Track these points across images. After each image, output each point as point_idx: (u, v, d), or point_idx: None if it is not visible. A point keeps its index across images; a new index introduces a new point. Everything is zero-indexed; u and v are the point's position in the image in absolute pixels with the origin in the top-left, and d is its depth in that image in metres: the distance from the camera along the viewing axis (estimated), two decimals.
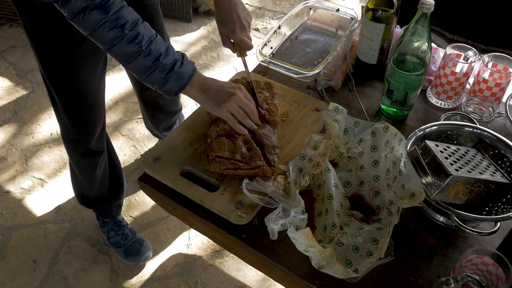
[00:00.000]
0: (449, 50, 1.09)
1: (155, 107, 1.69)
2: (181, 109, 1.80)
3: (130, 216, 1.89)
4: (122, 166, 2.05)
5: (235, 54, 1.16)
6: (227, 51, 2.60)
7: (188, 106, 2.28)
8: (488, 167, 0.90)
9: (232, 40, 1.14)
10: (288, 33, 1.38)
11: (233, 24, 1.10)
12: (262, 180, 0.94)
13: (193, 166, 1.01)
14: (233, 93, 0.98)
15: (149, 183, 1.01)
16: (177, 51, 0.97)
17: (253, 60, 1.29)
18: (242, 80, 1.14)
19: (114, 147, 1.63)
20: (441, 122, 0.99)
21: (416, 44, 0.99)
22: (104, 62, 1.31)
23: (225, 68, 2.49)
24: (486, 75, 1.07)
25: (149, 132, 1.96)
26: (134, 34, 0.90)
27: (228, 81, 1.06)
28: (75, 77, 1.24)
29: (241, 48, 1.14)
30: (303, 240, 0.77)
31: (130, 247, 1.71)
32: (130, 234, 1.74)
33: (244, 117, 1.00)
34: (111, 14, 0.87)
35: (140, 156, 2.09)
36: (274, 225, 0.80)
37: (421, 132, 0.95)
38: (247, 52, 1.15)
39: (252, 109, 1.01)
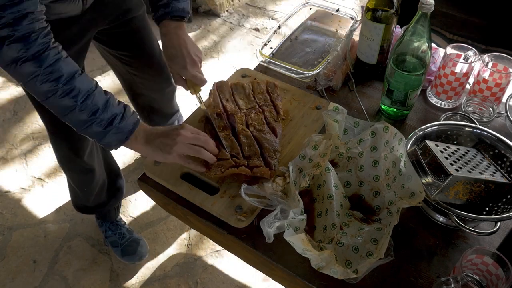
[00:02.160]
0: (449, 50, 1.09)
1: (151, 111, 1.68)
2: (178, 110, 1.79)
3: (130, 216, 1.89)
4: (122, 166, 2.05)
5: (189, 91, 1.10)
6: (227, 51, 2.60)
7: (188, 106, 2.28)
8: (488, 167, 0.90)
9: (184, 77, 1.09)
10: (288, 33, 1.38)
11: (184, 61, 1.06)
12: (261, 183, 0.94)
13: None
14: (177, 134, 0.93)
15: (149, 183, 1.01)
16: (120, 103, 0.93)
17: (253, 60, 1.29)
18: (240, 81, 1.14)
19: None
20: (441, 122, 0.99)
21: (416, 44, 0.99)
22: None
23: (225, 68, 2.49)
24: (486, 75, 1.07)
25: None
26: (69, 88, 0.86)
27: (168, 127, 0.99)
28: None
29: (194, 84, 1.08)
30: (299, 244, 0.77)
31: (127, 247, 1.71)
32: (127, 234, 1.74)
33: (199, 151, 0.94)
34: (44, 67, 0.83)
35: (140, 156, 2.09)
36: (269, 228, 0.79)
37: (421, 132, 0.95)
38: (201, 87, 1.10)
39: (203, 140, 0.95)
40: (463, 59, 1.08)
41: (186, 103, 2.29)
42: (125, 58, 1.40)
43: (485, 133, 0.94)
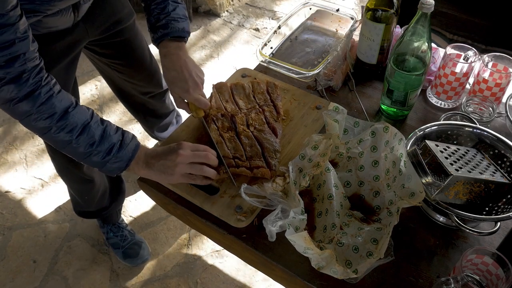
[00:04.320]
0: (449, 50, 1.09)
1: (146, 113, 1.68)
2: (173, 109, 1.78)
3: (130, 216, 1.89)
4: None
5: (191, 114, 1.07)
6: (227, 51, 2.60)
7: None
8: (488, 167, 0.90)
9: (186, 100, 1.06)
10: (288, 33, 1.38)
11: (186, 84, 1.02)
12: (261, 183, 0.94)
13: None
14: (177, 155, 0.92)
15: (149, 183, 1.01)
16: (118, 130, 0.92)
17: (253, 60, 1.29)
18: (240, 81, 1.14)
19: None
20: (441, 122, 0.99)
21: (416, 44, 0.99)
22: (74, 92, 1.28)
23: (225, 68, 2.49)
24: (486, 75, 1.07)
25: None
26: (63, 124, 0.86)
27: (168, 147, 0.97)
28: None
29: (197, 108, 1.05)
30: (301, 243, 0.77)
31: (129, 249, 1.71)
32: (129, 236, 1.74)
33: (201, 169, 0.93)
34: (37, 106, 0.83)
35: None
36: (272, 227, 0.80)
37: (421, 132, 0.95)
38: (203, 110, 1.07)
39: (203, 155, 0.94)
40: (463, 59, 1.08)
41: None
42: (116, 66, 1.39)
43: (485, 133, 0.94)
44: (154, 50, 1.78)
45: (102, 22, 1.22)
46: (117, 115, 2.28)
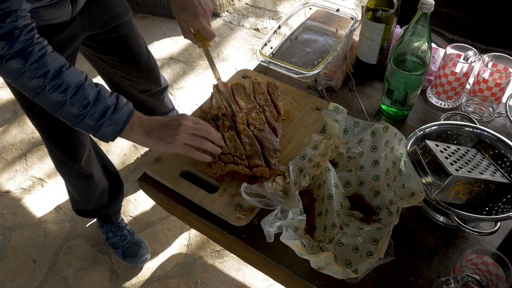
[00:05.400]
0: (449, 50, 1.09)
1: (145, 112, 1.65)
2: (173, 108, 1.77)
3: (130, 216, 1.89)
4: (122, 166, 2.05)
5: (197, 45, 1.06)
6: (227, 51, 2.60)
7: (188, 106, 2.28)
8: (488, 167, 0.90)
9: (192, 30, 1.04)
10: (288, 33, 1.38)
11: (195, 10, 1.00)
12: (261, 182, 0.94)
13: (193, 166, 1.01)
14: (179, 124, 0.92)
15: (149, 183, 1.01)
16: (112, 94, 0.92)
17: (253, 60, 1.29)
18: (241, 82, 1.14)
19: (115, 147, 1.63)
20: (441, 122, 0.99)
21: (416, 44, 0.99)
22: None
23: (225, 68, 2.49)
24: (486, 75, 1.07)
25: None
26: (57, 83, 0.85)
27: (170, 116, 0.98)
28: None
29: (204, 38, 1.04)
30: (294, 249, 0.77)
31: (128, 249, 1.71)
32: (129, 236, 1.74)
33: (201, 142, 0.93)
34: (30, 63, 0.82)
35: (140, 156, 2.09)
36: (270, 228, 0.80)
37: (421, 132, 0.95)
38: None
39: (205, 129, 0.94)
40: (463, 59, 1.08)
41: (187, 102, 2.29)
42: (113, 62, 1.40)
43: (485, 133, 0.94)
44: (152, 49, 1.79)
45: (98, 16, 1.23)
46: None
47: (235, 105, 1.10)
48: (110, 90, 0.93)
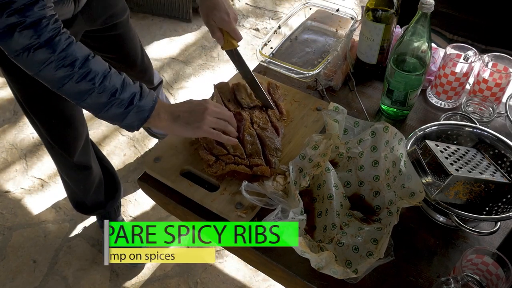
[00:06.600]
0: (449, 50, 1.09)
1: None
2: None
3: (130, 216, 1.89)
4: (122, 166, 2.05)
5: (221, 46, 1.08)
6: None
7: None
8: (488, 167, 0.90)
9: (220, 31, 1.06)
10: (288, 33, 1.38)
11: (225, 13, 1.03)
12: (262, 181, 0.94)
13: (194, 166, 1.01)
14: (205, 108, 0.94)
15: (149, 183, 1.01)
16: (136, 82, 0.93)
17: (253, 60, 1.29)
18: (241, 82, 1.14)
19: (115, 147, 1.63)
20: (441, 122, 0.99)
21: (416, 44, 0.99)
22: None
23: (225, 68, 2.49)
24: (486, 75, 1.07)
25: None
26: (85, 71, 0.84)
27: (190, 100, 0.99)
28: (50, 96, 1.17)
29: (232, 39, 1.07)
30: (297, 246, 0.77)
31: None
32: None
33: (225, 125, 0.96)
34: (58, 52, 0.82)
35: (140, 156, 2.09)
36: None
37: (421, 132, 0.95)
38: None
39: (228, 115, 0.98)
40: (463, 59, 1.08)
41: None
42: (108, 61, 1.39)
43: (485, 133, 0.94)
44: (152, 48, 1.79)
45: (99, 14, 1.23)
46: None
47: (237, 105, 1.10)
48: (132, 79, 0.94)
